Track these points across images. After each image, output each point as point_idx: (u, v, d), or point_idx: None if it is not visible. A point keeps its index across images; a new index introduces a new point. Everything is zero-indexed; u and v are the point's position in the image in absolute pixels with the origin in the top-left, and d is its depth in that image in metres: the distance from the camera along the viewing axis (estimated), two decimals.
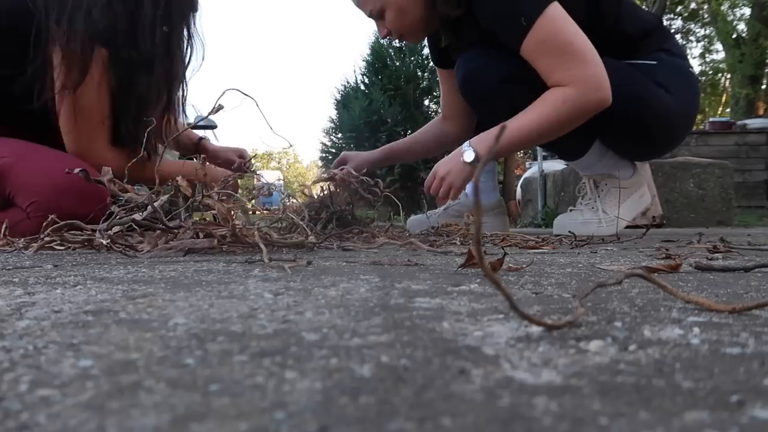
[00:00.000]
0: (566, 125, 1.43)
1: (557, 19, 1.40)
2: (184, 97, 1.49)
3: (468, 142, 1.50)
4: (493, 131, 1.44)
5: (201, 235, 1.03)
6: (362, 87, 7.61)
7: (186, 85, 1.48)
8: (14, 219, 1.26)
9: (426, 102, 7.56)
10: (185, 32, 1.42)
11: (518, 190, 5.40)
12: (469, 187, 1.62)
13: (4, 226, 1.20)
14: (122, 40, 1.31)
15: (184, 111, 1.53)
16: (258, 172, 1.90)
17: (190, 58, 1.45)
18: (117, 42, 1.31)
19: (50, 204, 1.24)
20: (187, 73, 1.47)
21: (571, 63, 1.39)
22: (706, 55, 16.52)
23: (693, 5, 15.33)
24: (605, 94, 1.41)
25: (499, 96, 1.53)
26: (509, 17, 1.43)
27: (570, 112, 1.41)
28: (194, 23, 1.44)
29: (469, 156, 1.46)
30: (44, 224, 1.08)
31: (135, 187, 1.18)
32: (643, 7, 11.25)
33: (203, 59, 1.47)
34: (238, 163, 1.75)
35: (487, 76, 1.55)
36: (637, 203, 1.70)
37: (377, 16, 1.59)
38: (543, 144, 1.78)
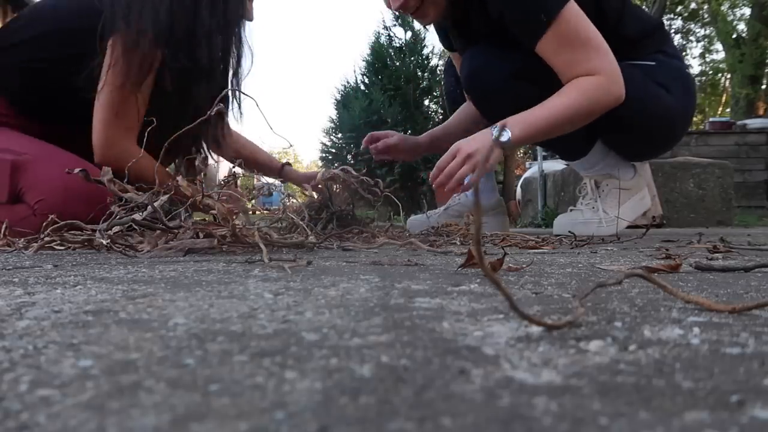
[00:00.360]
0: (594, 112, 1.41)
1: (578, 16, 1.39)
2: (239, 105, 1.50)
3: (500, 122, 1.41)
4: (527, 114, 1.39)
5: (201, 235, 1.03)
6: (362, 87, 7.60)
7: (239, 93, 1.49)
8: (20, 214, 1.28)
9: (426, 102, 7.56)
10: (235, 40, 1.44)
11: (518, 190, 5.40)
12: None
13: (4, 226, 1.20)
14: (181, 46, 1.32)
15: (241, 118, 1.54)
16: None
17: (241, 66, 1.46)
18: (175, 46, 1.32)
19: (57, 205, 1.25)
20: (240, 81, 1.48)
21: (595, 56, 1.39)
22: (706, 55, 16.52)
23: (693, 5, 15.33)
24: (623, 90, 1.41)
25: (502, 94, 1.52)
26: (528, 13, 1.41)
27: (599, 98, 1.39)
28: (243, 30, 1.46)
29: (505, 136, 1.38)
30: (44, 224, 1.08)
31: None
32: (643, 7, 11.25)
33: (252, 66, 1.49)
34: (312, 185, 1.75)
35: (491, 75, 1.53)
36: (638, 204, 1.70)
37: None
38: (545, 143, 1.77)
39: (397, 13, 7.65)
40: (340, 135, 7.66)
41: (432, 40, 7.82)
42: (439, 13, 1.57)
